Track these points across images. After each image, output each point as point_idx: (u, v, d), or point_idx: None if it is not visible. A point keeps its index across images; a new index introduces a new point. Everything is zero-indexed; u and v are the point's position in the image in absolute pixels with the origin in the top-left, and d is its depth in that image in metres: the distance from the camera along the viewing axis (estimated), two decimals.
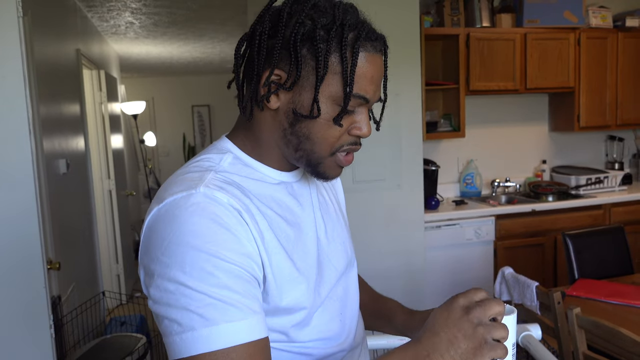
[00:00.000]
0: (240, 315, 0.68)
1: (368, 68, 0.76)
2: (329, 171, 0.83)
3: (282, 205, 0.82)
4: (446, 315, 0.70)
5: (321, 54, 0.73)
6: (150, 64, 6.84)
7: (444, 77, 3.70)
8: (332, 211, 0.95)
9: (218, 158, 0.81)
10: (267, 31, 0.76)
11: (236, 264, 0.70)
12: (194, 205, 0.70)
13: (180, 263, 0.68)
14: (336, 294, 0.89)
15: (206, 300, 0.67)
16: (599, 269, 2.60)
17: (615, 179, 3.91)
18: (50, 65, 2.88)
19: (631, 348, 1.60)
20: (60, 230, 2.69)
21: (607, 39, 3.82)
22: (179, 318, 0.67)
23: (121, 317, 3.26)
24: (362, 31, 0.75)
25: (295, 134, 0.78)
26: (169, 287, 0.68)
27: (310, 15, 0.74)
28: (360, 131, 0.80)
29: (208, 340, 0.66)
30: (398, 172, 3.04)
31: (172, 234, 0.69)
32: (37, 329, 1.87)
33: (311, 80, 0.75)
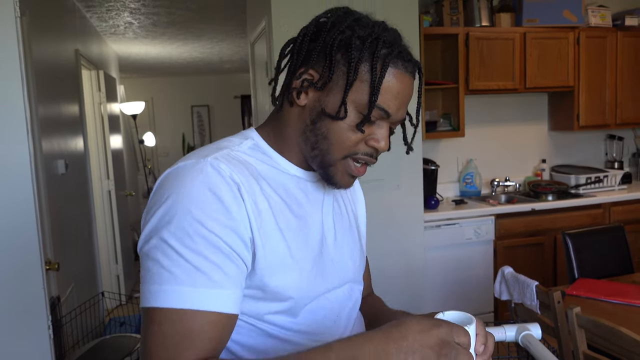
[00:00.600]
0: (208, 285, 0.71)
1: (395, 84, 0.79)
2: (338, 177, 0.85)
3: (290, 195, 0.85)
4: (418, 335, 0.64)
5: (353, 60, 0.78)
6: (150, 64, 6.83)
7: (443, 77, 3.70)
8: (346, 223, 0.97)
9: (238, 141, 0.86)
10: (310, 35, 0.82)
11: (218, 236, 0.73)
12: (198, 171, 0.75)
13: (168, 221, 0.72)
14: (335, 297, 0.90)
15: (179, 261, 0.71)
16: (598, 268, 2.59)
17: (614, 178, 3.91)
18: (49, 65, 2.88)
19: (631, 347, 1.60)
20: (59, 231, 2.68)
21: (607, 38, 3.82)
22: (152, 269, 0.72)
23: (120, 318, 3.26)
24: (395, 49, 0.79)
25: (314, 131, 0.82)
26: (152, 241, 0.73)
27: (351, 26, 0.80)
28: (377, 143, 0.83)
29: (173, 296, 0.70)
30: (397, 172, 3.04)
31: (171, 194, 0.74)
32: (35, 330, 1.87)
33: (340, 84, 0.79)
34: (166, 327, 0.70)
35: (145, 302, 0.72)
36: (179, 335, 0.70)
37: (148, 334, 0.71)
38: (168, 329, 0.70)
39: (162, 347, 0.69)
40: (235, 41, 5.51)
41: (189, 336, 0.70)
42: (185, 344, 0.69)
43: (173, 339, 0.69)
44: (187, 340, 0.70)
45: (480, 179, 3.89)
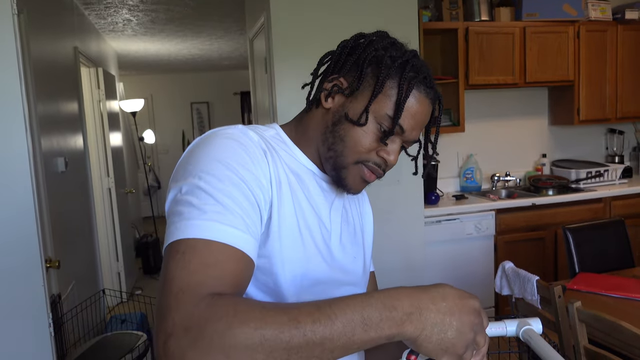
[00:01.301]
0: (238, 225, 0.71)
1: (414, 104, 0.86)
2: (350, 179, 0.90)
3: (305, 185, 0.89)
4: (458, 300, 0.67)
5: (382, 75, 0.85)
6: (149, 61, 6.82)
7: (443, 72, 3.69)
8: (352, 230, 1.00)
9: (263, 128, 0.92)
10: (349, 47, 0.91)
11: (247, 185, 0.75)
12: (228, 134, 0.80)
13: (199, 169, 0.75)
14: (333, 294, 0.89)
15: (210, 200, 0.71)
16: (599, 263, 2.59)
17: (615, 173, 3.90)
18: (48, 63, 2.87)
19: (632, 341, 1.60)
20: (59, 229, 2.68)
21: (607, 32, 3.80)
22: (181, 211, 0.71)
23: (121, 315, 3.26)
24: (421, 74, 0.86)
25: (333, 133, 0.88)
26: (183, 187, 0.74)
27: (385, 46, 0.88)
28: (387, 155, 0.88)
29: (200, 228, 0.69)
30: (397, 167, 3.02)
31: (201, 150, 0.78)
32: (36, 328, 1.87)
33: (365, 94, 0.86)
34: (190, 255, 0.67)
35: (169, 237, 0.70)
36: (205, 265, 0.67)
37: (170, 263, 0.67)
38: (192, 256, 0.67)
39: (186, 273, 0.66)
40: (234, 37, 5.49)
41: (214, 266, 0.67)
42: (211, 273, 0.67)
43: (198, 266, 0.67)
44: (212, 270, 0.67)
45: (481, 174, 3.88)
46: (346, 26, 2.92)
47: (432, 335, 0.64)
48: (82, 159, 3.52)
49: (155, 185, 7.89)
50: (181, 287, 0.64)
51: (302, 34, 2.82)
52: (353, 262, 0.97)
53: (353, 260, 0.97)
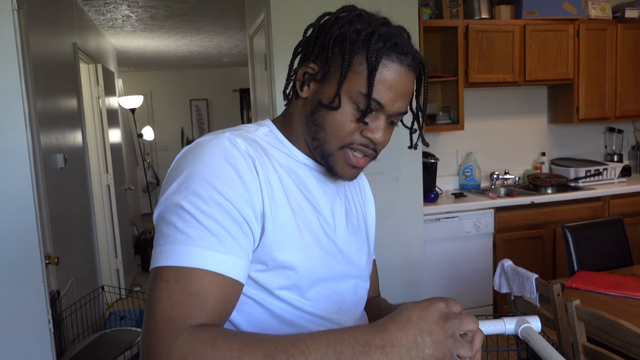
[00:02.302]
0: (220, 248, 0.72)
1: (388, 76, 0.81)
2: (339, 167, 0.87)
3: (302, 182, 0.88)
4: (420, 315, 0.66)
5: (347, 52, 0.80)
6: (148, 57, 6.81)
7: (443, 70, 3.69)
8: (355, 221, 0.99)
9: (255, 128, 0.90)
10: (316, 30, 0.87)
11: (231, 202, 0.75)
12: (215, 144, 0.79)
13: (185, 188, 0.75)
14: (339, 288, 0.90)
15: (193, 223, 0.72)
16: (598, 261, 2.60)
17: (614, 171, 3.91)
18: (47, 59, 2.86)
19: (631, 340, 1.60)
20: (58, 225, 2.68)
21: (607, 30, 3.80)
22: (166, 231, 0.73)
23: (121, 312, 3.26)
24: (390, 42, 0.80)
25: (313, 121, 0.86)
26: (169, 205, 0.75)
27: (350, 20, 0.84)
28: (372, 134, 0.84)
29: (183, 255, 0.70)
30: (397, 165, 3.04)
31: (189, 165, 0.77)
32: (35, 324, 1.87)
33: (336, 75, 0.83)
34: (174, 285, 0.69)
35: (155, 262, 0.73)
36: (188, 294, 0.69)
37: (155, 292, 0.70)
38: (176, 286, 0.69)
39: (170, 305, 0.68)
40: (234, 34, 5.48)
41: (197, 296, 0.69)
42: (193, 304, 0.69)
43: (181, 297, 0.69)
44: (195, 300, 0.69)
45: (480, 172, 3.88)
46: None
47: (412, 359, 0.65)
48: (81, 156, 3.51)
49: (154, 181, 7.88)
50: (164, 319, 0.67)
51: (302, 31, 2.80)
52: (357, 254, 0.96)
53: (357, 252, 0.96)
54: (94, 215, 3.74)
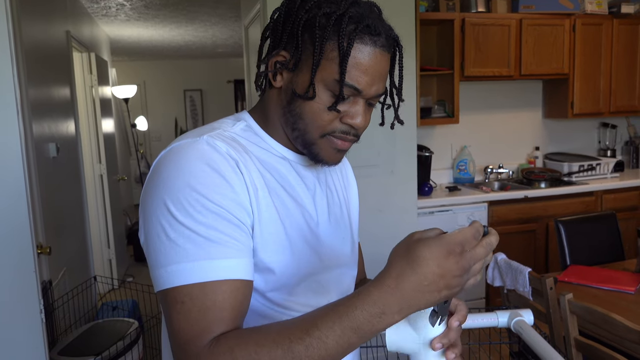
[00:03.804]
0: (223, 254, 0.71)
1: (363, 59, 0.77)
2: (323, 154, 0.84)
3: (283, 177, 0.86)
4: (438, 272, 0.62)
5: (318, 39, 0.76)
6: (142, 47, 6.75)
7: (439, 63, 3.68)
8: (338, 209, 0.97)
9: (231, 123, 0.87)
10: (282, 15, 0.82)
11: (225, 208, 0.73)
12: (196, 150, 0.75)
13: (174, 199, 0.72)
14: (326, 280, 0.90)
15: (192, 236, 0.71)
16: (590, 255, 2.61)
17: (607, 166, 3.93)
18: (39, 47, 2.83)
19: (623, 334, 1.61)
20: (50, 215, 2.66)
21: (602, 26, 3.81)
22: (163, 250, 0.71)
23: (113, 302, 3.25)
24: (362, 23, 0.76)
25: (291, 112, 0.82)
26: (161, 221, 0.72)
27: (318, 3, 0.78)
28: (352, 120, 0.81)
29: (192, 272, 0.70)
30: (391, 158, 3.03)
31: (171, 173, 0.74)
32: (27, 314, 1.86)
33: (308, 64, 0.79)
34: (190, 304, 0.69)
35: (162, 284, 0.71)
36: (204, 310, 0.69)
37: (172, 315, 0.70)
38: (192, 305, 0.69)
39: (188, 325, 0.69)
40: (229, 25, 5.44)
41: (213, 309, 0.70)
42: (211, 317, 0.69)
43: (198, 314, 0.69)
44: (212, 313, 0.69)
45: (474, 165, 3.89)
46: None
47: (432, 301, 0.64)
48: (73, 145, 3.48)
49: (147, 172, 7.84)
50: (185, 340, 0.69)
51: None
52: (342, 243, 0.95)
53: (342, 242, 0.95)
54: (86, 205, 3.72)
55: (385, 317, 0.64)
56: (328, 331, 0.65)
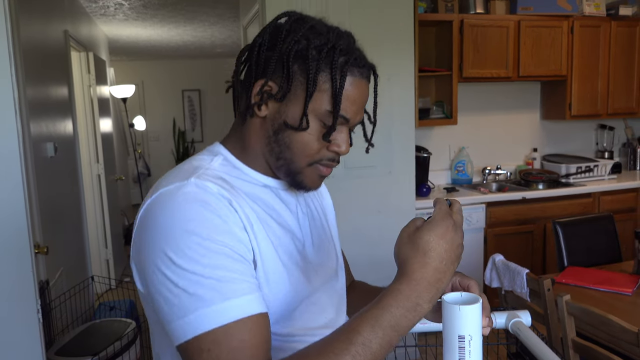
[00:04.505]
0: (237, 293, 0.70)
1: (352, 91, 0.81)
2: (307, 181, 0.86)
3: (269, 206, 0.86)
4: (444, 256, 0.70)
5: (311, 71, 0.78)
6: (140, 47, 6.74)
7: (437, 64, 3.68)
8: (319, 223, 0.99)
9: (209, 158, 0.86)
10: (266, 44, 0.82)
11: (228, 247, 0.72)
12: (186, 194, 0.74)
13: (174, 247, 0.70)
14: (319, 299, 0.90)
15: (202, 281, 0.69)
16: (588, 257, 2.62)
17: (605, 168, 3.93)
18: (37, 46, 2.82)
19: (620, 335, 1.61)
20: (48, 215, 2.65)
21: (600, 27, 3.81)
22: (178, 302, 0.69)
23: (110, 302, 3.25)
24: (351, 56, 0.80)
25: (277, 142, 0.83)
26: (167, 272, 0.70)
27: (306, 35, 0.80)
28: (339, 148, 0.84)
29: (211, 317, 0.68)
30: (389, 159, 3.03)
31: (166, 221, 0.72)
32: (24, 314, 1.85)
33: (299, 95, 0.80)
34: (217, 350, 0.68)
35: (181, 337, 0.70)
36: (234, 351, 0.68)
37: None
38: (219, 351, 0.68)
39: None
40: (228, 25, 5.44)
41: (243, 348, 0.69)
42: (242, 357, 0.68)
43: (229, 356, 0.68)
44: (242, 353, 0.69)
45: (472, 167, 3.89)
46: (341, 16, 2.90)
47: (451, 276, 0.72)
48: (71, 145, 3.48)
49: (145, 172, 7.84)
50: None
51: None
52: (327, 258, 0.96)
53: (327, 257, 0.96)
54: (84, 205, 3.71)
55: (419, 309, 0.69)
56: (370, 335, 0.67)
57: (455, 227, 0.72)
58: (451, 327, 0.72)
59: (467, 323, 0.71)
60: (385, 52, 2.91)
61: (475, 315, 0.71)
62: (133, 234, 0.78)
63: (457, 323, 0.71)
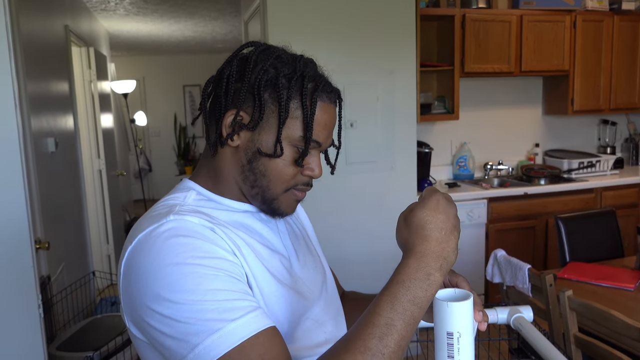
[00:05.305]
0: (244, 309, 0.70)
1: (322, 116, 0.83)
2: (283, 207, 0.87)
3: (252, 230, 0.86)
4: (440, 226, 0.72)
5: (283, 100, 0.80)
6: (141, 42, 6.73)
7: (439, 59, 3.67)
8: (301, 240, 0.99)
9: (182, 195, 0.85)
10: (234, 75, 0.83)
11: (221, 269, 0.72)
12: (167, 231, 0.73)
13: (167, 284, 0.69)
14: (316, 314, 0.89)
15: (205, 306, 0.68)
16: (590, 252, 2.61)
17: (607, 163, 3.92)
18: (38, 41, 2.82)
19: (622, 330, 1.61)
20: (49, 210, 2.65)
21: (603, 22, 3.79)
22: (184, 337, 0.68)
23: (112, 297, 3.25)
24: (319, 83, 0.83)
25: (252, 170, 0.84)
26: (165, 312, 0.69)
27: (274, 64, 0.82)
28: (313, 172, 0.86)
29: (224, 342, 0.67)
30: (391, 154, 3.02)
31: (152, 262, 0.71)
32: (25, 309, 1.86)
33: (271, 123, 0.81)
34: None
35: None
36: None
37: None
38: None
39: None
40: (229, 20, 5.42)
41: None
42: None
43: None
44: None
45: (474, 162, 3.88)
46: (343, 10, 2.89)
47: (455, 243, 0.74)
48: (72, 140, 3.47)
49: (146, 168, 7.84)
50: None
51: (298, 17, 2.78)
52: (315, 271, 0.96)
53: (314, 270, 0.96)
54: (85, 200, 3.71)
55: (432, 278, 0.70)
56: (391, 313, 0.68)
57: (445, 198, 0.74)
58: (440, 323, 0.72)
59: (456, 320, 0.70)
60: (387, 46, 2.90)
61: (464, 312, 0.71)
62: (120, 286, 0.76)
63: (446, 320, 0.71)
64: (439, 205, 0.73)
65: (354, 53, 2.87)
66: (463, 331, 0.71)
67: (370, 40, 2.89)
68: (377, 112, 2.96)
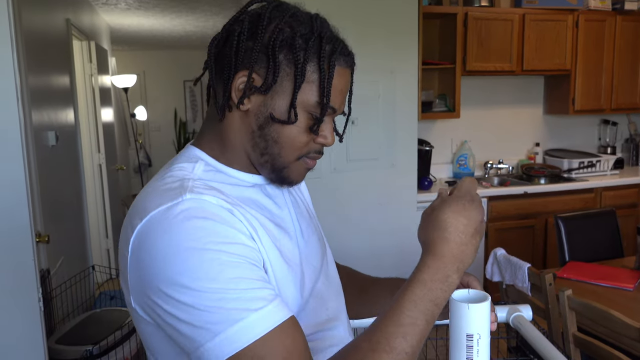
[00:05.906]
0: (265, 299, 0.68)
1: (339, 81, 0.79)
2: (293, 175, 0.83)
3: (262, 207, 0.82)
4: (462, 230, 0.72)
5: (299, 62, 0.74)
6: (142, 36, 6.72)
7: (441, 57, 3.66)
8: (304, 212, 0.96)
9: (190, 166, 0.80)
10: (245, 33, 0.76)
11: (242, 255, 0.69)
12: (184, 211, 0.69)
13: (185, 270, 0.66)
14: (318, 290, 0.88)
15: (226, 296, 0.66)
16: (589, 252, 2.61)
17: (607, 163, 3.92)
18: (39, 35, 2.81)
19: (621, 330, 1.61)
20: (49, 204, 2.65)
21: (605, 22, 3.79)
22: (203, 325, 0.65)
23: (111, 292, 3.25)
24: (337, 45, 0.78)
25: (263, 137, 0.79)
26: (181, 298, 0.66)
27: (289, 23, 0.76)
28: (325, 140, 0.82)
29: (245, 333, 0.65)
30: (392, 152, 3.02)
31: (168, 245, 0.67)
32: (25, 302, 1.85)
33: (285, 86, 0.76)
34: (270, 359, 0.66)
35: (219, 356, 0.65)
36: (280, 358, 0.66)
37: None
38: None
39: None
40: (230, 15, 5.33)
41: (290, 354, 0.67)
42: None
43: None
44: (291, 357, 0.67)
45: (474, 160, 3.88)
46: (345, 8, 2.88)
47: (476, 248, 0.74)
48: (72, 134, 3.47)
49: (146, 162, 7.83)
50: None
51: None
52: (317, 245, 0.94)
53: (316, 244, 0.93)
54: (85, 194, 3.71)
55: (450, 280, 0.71)
56: (414, 312, 0.68)
57: (472, 202, 0.73)
58: (459, 325, 0.71)
59: (476, 321, 0.70)
60: (389, 44, 2.90)
61: (484, 314, 0.70)
62: (127, 264, 0.71)
63: (466, 321, 0.70)
64: (464, 210, 0.73)
65: (356, 50, 2.84)
66: (483, 332, 0.70)
67: (372, 37, 2.89)
68: (378, 109, 2.95)
